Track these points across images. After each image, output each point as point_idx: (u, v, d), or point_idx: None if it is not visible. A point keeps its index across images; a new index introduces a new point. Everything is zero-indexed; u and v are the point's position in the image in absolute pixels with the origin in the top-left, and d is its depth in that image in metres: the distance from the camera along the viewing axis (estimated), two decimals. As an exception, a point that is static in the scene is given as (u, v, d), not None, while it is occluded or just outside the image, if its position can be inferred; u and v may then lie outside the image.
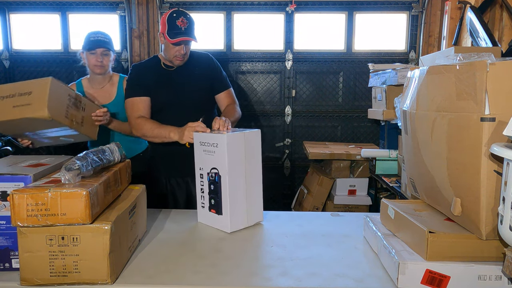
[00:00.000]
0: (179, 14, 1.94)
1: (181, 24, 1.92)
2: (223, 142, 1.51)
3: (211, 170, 1.57)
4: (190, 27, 1.95)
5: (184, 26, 1.93)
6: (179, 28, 1.92)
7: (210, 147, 1.57)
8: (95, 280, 1.12)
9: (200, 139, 1.63)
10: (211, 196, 1.59)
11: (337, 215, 1.76)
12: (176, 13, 1.94)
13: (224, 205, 1.54)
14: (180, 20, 1.92)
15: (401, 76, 2.99)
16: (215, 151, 1.55)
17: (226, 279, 1.18)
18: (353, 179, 3.53)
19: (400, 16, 4.09)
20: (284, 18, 4.03)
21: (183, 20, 1.93)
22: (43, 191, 1.05)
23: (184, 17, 1.93)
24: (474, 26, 2.86)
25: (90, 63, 2.22)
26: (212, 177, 1.57)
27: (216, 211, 1.57)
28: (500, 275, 1.08)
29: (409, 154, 1.43)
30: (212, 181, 1.57)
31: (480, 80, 1.01)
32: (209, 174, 1.59)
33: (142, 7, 3.94)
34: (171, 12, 1.95)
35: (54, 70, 4.11)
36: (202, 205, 1.64)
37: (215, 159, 1.55)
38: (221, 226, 1.57)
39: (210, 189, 1.59)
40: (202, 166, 1.62)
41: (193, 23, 1.98)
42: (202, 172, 1.62)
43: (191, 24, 1.96)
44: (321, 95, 4.15)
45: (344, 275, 1.20)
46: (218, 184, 1.55)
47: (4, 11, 4.06)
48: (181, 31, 1.92)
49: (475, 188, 1.05)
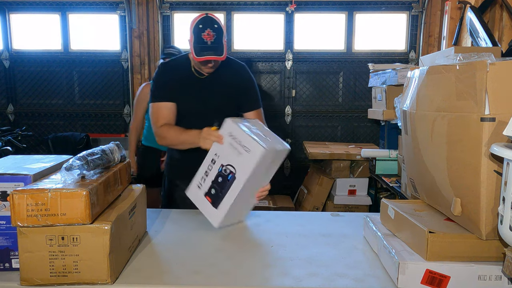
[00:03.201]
0: (206, 25, 1.73)
1: (207, 37, 1.72)
2: (257, 152, 1.42)
3: (227, 165, 1.49)
4: (218, 40, 1.73)
5: (211, 40, 1.72)
6: (205, 42, 1.72)
7: (239, 146, 1.47)
8: (95, 280, 1.11)
9: (232, 132, 1.50)
10: (214, 185, 1.52)
11: (337, 215, 1.76)
12: (202, 24, 1.74)
13: (224, 203, 1.50)
14: (206, 33, 1.72)
15: (401, 76, 2.99)
16: (242, 153, 1.46)
17: (226, 279, 1.18)
18: (353, 179, 3.53)
19: (400, 16, 4.09)
20: (284, 18, 4.04)
21: (209, 33, 1.72)
22: (43, 191, 1.05)
23: (211, 29, 1.72)
24: (474, 26, 2.86)
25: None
26: (225, 172, 1.49)
27: (212, 202, 1.53)
28: (500, 275, 1.08)
29: (409, 154, 1.43)
30: (223, 175, 1.50)
31: (480, 80, 1.01)
32: (223, 167, 1.50)
33: (142, 7, 3.94)
34: (198, 22, 1.75)
35: (54, 70, 4.12)
36: (199, 185, 1.56)
37: (237, 160, 1.47)
38: (210, 216, 1.53)
39: (216, 179, 1.51)
40: (219, 154, 1.51)
41: (221, 33, 1.76)
42: (216, 159, 1.51)
43: (219, 36, 1.74)
44: (321, 95, 4.15)
45: (344, 275, 1.20)
46: (227, 182, 1.49)
47: (4, 11, 4.06)
48: (207, 45, 1.72)
49: (475, 188, 1.05)
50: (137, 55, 4.01)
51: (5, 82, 4.14)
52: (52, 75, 4.12)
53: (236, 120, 1.56)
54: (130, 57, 4.00)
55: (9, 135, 3.55)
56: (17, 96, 4.19)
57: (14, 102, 4.19)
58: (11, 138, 3.51)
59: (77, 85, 4.17)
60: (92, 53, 4.11)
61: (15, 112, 4.20)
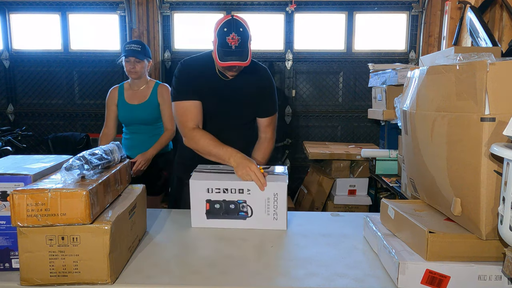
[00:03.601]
0: (231, 29, 1.67)
1: (231, 41, 1.67)
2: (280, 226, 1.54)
3: (248, 206, 1.54)
4: (243, 44, 1.68)
5: (235, 44, 1.67)
6: (229, 46, 1.67)
7: (272, 209, 1.54)
8: (95, 280, 1.11)
9: (278, 194, 1.53)
10: (222, 204, 1.55)
11: (337, 215, 1.76)
12: (227, 27, 1.68)
13: (215, 222, 1.56)
14: (231, 37, 1.66)
15: (401, 76, 2.99)
16: (270, 215, 1.54)
17: (226, 279, 1.18)
18: (353, 179, 3.53)
19: (400, 16, 4.09)
20: (284, 18, 4.03)
21: (234, 37, 1.66)
22: (43, 191, 1.05)
23: (236, 32, 1.67)
24: (474, 26, 2.86)
25: (126, 69, 2.56)
26: (242, 208, 1.54)
27: (208, 212, 1.56)
28: (500, 275, 1.08)
29: (409, 154, 1.43)
30: (238, 207, 1.54)
31: (480, 80, 1.01)
32: (245, 203, 1.54)
33: (142, 7, 3.94)
34: (223, 25, 1.69)
35: (54, 70, 4.12)
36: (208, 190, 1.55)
37: (262, 214, 1.54)
38: (196, 216, 1.57)
39: (229, 203, 1.54)
40: (252, 193, 1.53)
41: (247, 37, 1.71)
42: (245, 192, 1.53)
43: (244, 40, 1.69)
44: (321, 95, 4.15)
45: (344, 275, 1.20)
46: (235, 214, 1.55)
47: (4, 11, 4.06)
48: (231, 50, 1.67)
49: (475, 188, 1.05)
50: (137, 55, 4.01)
51: (5, 82, 4.13)
52: (52, 75, 4.11)
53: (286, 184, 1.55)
54: (130, 57, 3.99)
55: (9, 135, 3.55)
56: (17, 96, 4.19)
57: (14, 102, 4.18)
58: (11, 138, 3.51)
59: (77, 85, 4.17)
60: (92, 53, 4.10)
61: (15, 112, 4.20)
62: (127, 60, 2.53)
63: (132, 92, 2.61)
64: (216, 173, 1.62)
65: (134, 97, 2.59)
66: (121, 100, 2.61)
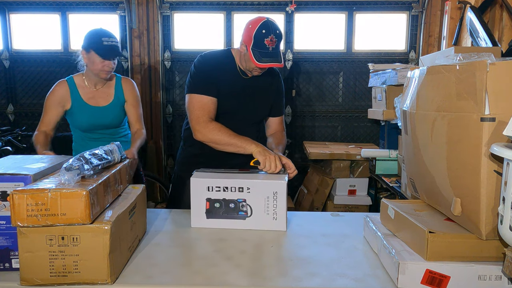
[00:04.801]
0: (269, 31, 1.69)
1: (269, 43, 1.69)
2: (280, 227, 1.54)
3: (248, 206, 1.54)
4: (278, 46, 1.74)
5: (272, 46, 1.70)
6: (267, 48, 1.70)
7: (272, 208, 1.53)
8: (95, 280, 1.11)
9: (278, 193, 1.52)
10: (222, 203, 1.55)
11: (337, 215, 1.76)
12: (265, 29, 1.69)
13: (213, 222, 1.56)
14: (269, 39, 1.69)
15: (401, 76, 2.99)
16: (269, 215, 1.53)
17: (226, 279, 1.18)
18: (353, 179, 3.53)
19: (400, 16, 4.09)
20: (284, 18, 4.03)
21: (272, 39, 1.69)
22: (43, 191, 1.05)
23: (274, 34, 1.70)
24: (474, 26, 2.86)
25: (96, 66, 2.03)
26: (241, 207, 1.54)
27: (208, 211, 1.56)
28: (500, 275, 1.08)
29: (409, 154, 1.43)
30: (237, 207, 1.54)
31: (480, 80, 1.01)
32: (244, 202, 1.54)
33: (142, 7, 3.94)
34: (260, 26, 1.70)
35: (54, 70, 4.12)
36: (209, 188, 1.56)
37: (261, 213, 1.54)
38: (195, 215, 1.57)
39: (229, 202, 1.54)
40: (252, 191, 1.53)
41: (281, 39, 1.75)
42: (245, 191, 1.53)
43: (279, 42, 1.74)
44: (321, 95, 4.15)
45: (344, 275, 1.20)
46: (233, 214, 1.55)
47: (4, 11, 4.06)
48: (268, 52, 1.70)
49: (475, 188, 1.05)
50: (137, 55, 4.01)
51: (5, 82, 4.14)
52: (52, 75, 4.11)
53: (286, 183, 1.55)
54: (130, 57, 4.00)
55: (9, 135, 3.55)
56: (17, 96, 4.19)
57: (14, 102, 4.19)
58: (11, 138, 3.51)
59: (77, 85, 4.17)
60: (92, 53, 4.10)
61: (15, 112, 4.20)
62: (105, 58, 2.02)
63: (90, 91, 2.14)
64: (216, 173, 1.63)
65: (97, 98, 2.14)
66: (77, 102, 2.11)
